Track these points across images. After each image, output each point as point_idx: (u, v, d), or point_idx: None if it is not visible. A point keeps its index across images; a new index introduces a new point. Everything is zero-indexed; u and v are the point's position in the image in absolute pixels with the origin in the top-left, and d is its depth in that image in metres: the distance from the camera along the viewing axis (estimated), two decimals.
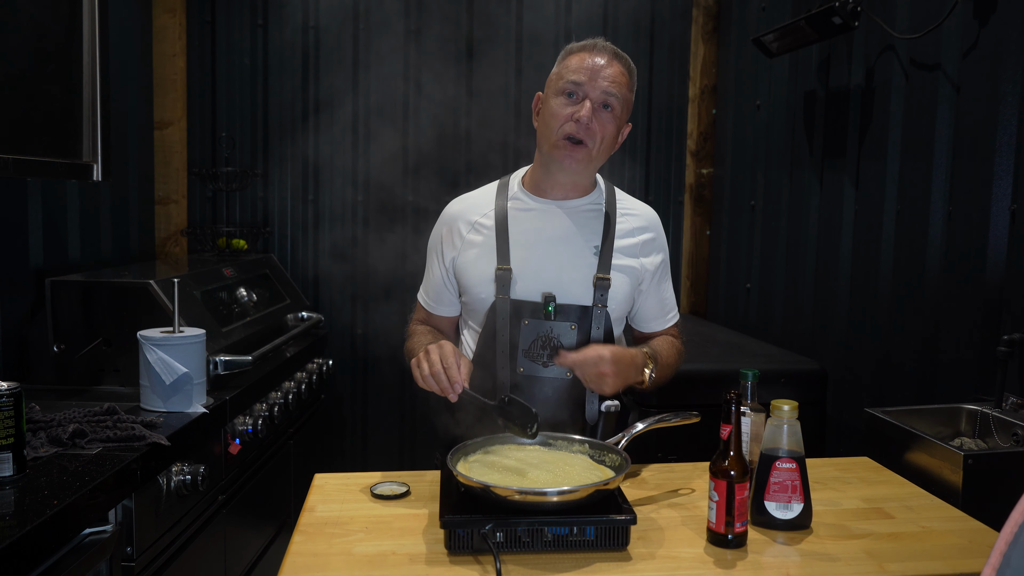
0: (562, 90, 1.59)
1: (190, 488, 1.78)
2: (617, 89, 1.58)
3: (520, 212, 1.67)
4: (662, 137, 3.70)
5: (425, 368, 1.42)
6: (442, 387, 1.41)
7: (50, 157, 1.93)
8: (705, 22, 3.63)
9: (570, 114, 1.57)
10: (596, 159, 1.61)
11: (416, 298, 1.83)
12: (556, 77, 1.63)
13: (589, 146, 1.58)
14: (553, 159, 1.60)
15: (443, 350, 1.44)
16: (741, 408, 1.31)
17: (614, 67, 1.59)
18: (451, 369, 1.41)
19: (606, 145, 1.61)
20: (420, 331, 1.75)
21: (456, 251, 1.69)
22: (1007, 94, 1.99)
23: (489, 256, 1.64)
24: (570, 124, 1.57)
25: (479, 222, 1.68)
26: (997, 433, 1.86)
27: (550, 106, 1.61)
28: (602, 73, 1.57)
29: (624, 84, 1.60)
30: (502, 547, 1.24)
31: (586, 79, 1.57)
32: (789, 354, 2.79)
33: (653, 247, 1.71)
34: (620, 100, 1.59)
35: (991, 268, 2.03)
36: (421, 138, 3.52)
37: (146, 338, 1.81)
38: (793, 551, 1.29)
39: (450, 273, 1.71)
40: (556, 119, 1.58)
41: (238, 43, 3.41)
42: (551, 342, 1.59)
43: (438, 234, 1.75)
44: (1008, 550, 0.66)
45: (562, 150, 1.58)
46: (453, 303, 1.76)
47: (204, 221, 3.44)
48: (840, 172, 2.66)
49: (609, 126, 1.59)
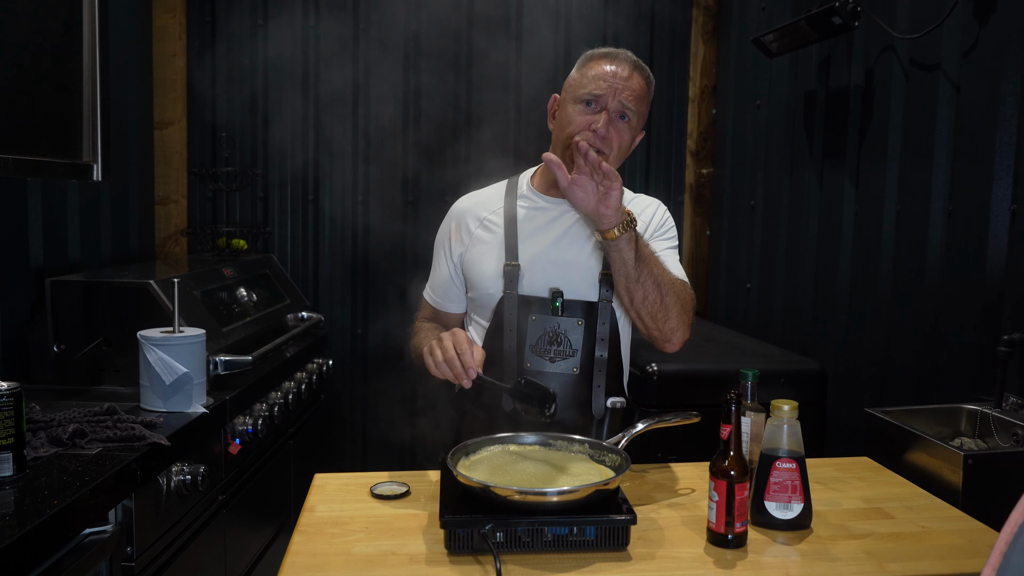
0: (581, 98, 1.59)
1: (190, 488, 1.78)
2: (635, 103, 1.59)
3: (529, 210, 1.69)
4: (662, 137, 3.70)
5: (439, 354, 1.42)
6: (456, 373, 1.40)
7: (50, 157, 1.93)
8: (705, 22, 3.63)
9: (588, 122, 1.58)
10: None
11: (422, 296, 1.83)
12: (575, 84, 1.62)
13: (605, 153, 1.58)
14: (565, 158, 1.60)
15: (456, 337, 1.44)
16: (741, 408, 1.31)
17: (635, 79, 1.59)
18: (465, 355, 1.41)
19: (621, 153, 1.62)
20: (427, 327, 1.75)
21: (464, 247, 1.70)
22: (1007, 94, 1.99)
23: (498, 252, 1.65)
24: (587, 133, 1.57)
25: (488, 219, 1.70)
26: (997, 433, 1.86)
27: (568, 112, 1.61)
28: (622, 84, 1.58)
29: (643, 97, 1.62)
30: (502, 547, 1.24)
31: (606, 90, 1.57)
32: (789, 354, 2.79)
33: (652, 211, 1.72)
34: (637, 112, 1.60)
35: (991, 268, 2.03)
36: (421, 138, 3.52)
37: (146, 338, 1.81)
38: (793, 551, 1.29)
39: (458, 269, 1.72)
40: (573, 125, 1.59)
41: (238, 43, 3.41)
42: (558, 337, 1.60)
43: (446, 230, 1.76)
44: (1008, 550, 0.66)
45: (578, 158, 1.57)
46: (460, 299, 1.76)
47: (204, 221, 3.44)
48: (840, 172, 2.66)
49: (625, 135, 1.60)
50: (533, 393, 1.44)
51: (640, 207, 1.74)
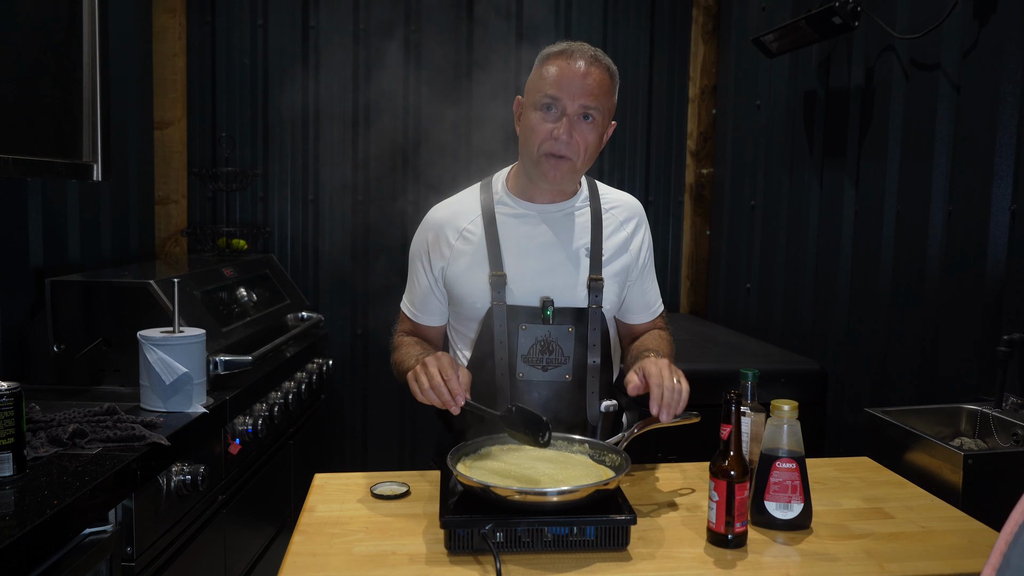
0: (539, 104, 1.53)
1: (190, 488, 1.78)
2: (596, 100, 1.52)
3: (508, 218, 1.65)
4: (662, 137, 3.70)
5: (424, 381, 1.38)
6: (444, 400, 1.36)
7: (50, 157, 1.93)
8: (705, 22, 3.63)
9: (549, 131, 1.53)
10: (581, 168, 1.59)
11: (400, 308, 1.77)
12: (533, 87, 1.57)
13: (572, 159, 1.54)
14: (537, 173, 1.58)
15: (440, 362, 1.39)
16: (741, 408, 1.31)
17: (592, 75, 1.52)
18: (451, 381, 1.37)
19: (590, 153, 1.57)
20: (407, 343, 1.69)
21: (445, 261, 1.65)
22: (1007, 94, 1.99)
23: (481, 264, 1.61)
24: (549, 142, 1.53)
25: (467, 229, 1.64)
26: (997, 433, 1.86)
27: (529, 119, 1.56)
28: (580, 84, 1.51)
29: (605, 90, 1.54)
30: (502, 547, 1.24)
31: (563, 92, 1.51)
32: (789, 354, 2.79)
33: (640, 236, 1.71)
34: (600, 109, 1.53)
35: (991, 268, 2.03)
36: (421, 138, 3.52)
37: (146, 338, 1.81)
38: (793, 551, 1.29)
39: (439, 282, 1.67)
40: (535, 135, 1.54)
41: (238, 43, 3.41)
42: (550, 346, 1.59)
43: (422, 241, 1.69)
44: (1008, 550, 0.66)
45: (544, 165, 1.55)
46: (441, 312, 1.71)
47: (204, 221, 3.44)
48: (840, 172, 2.66)
49: (590, 136, 1.54)
50: (525, 420, 1.39)
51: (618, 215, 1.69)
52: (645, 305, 1.74)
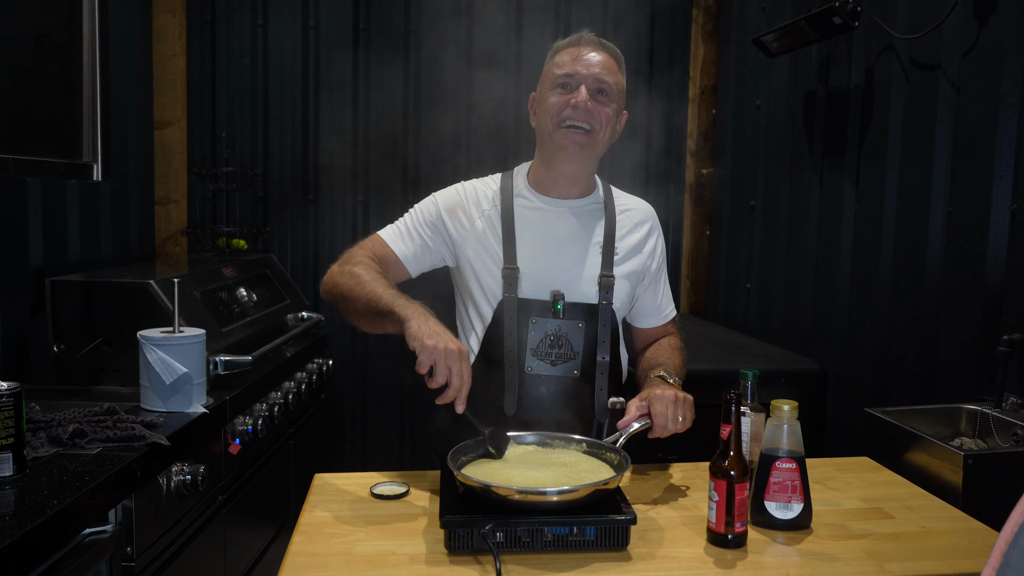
0: (556, 83, 1.63)
1: (190, 488, 1.78)
2: (608, 75, 1.62)
3: (526, 211, 1.68)
4: (662, 137, 3.70)
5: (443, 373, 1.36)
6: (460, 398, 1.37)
7: (50, 157, 1.94)
8: (705, 22, 3.63)
9: (567, 100, 1.60)
10: (599, 144, 1.64)
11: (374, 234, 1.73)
12: (547, 74, 1.67)
13: (589, 129, 1.60)
14: (557, 148, 1.62)
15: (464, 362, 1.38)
16: (741, 408, 1.31)
17: (602, 55, 1.64)
18: (467, 385, 1.38)
19: (607, 130, 1.63)
20: (372, 267, 1.62)
21: (460, 235, 1.68)
22: (1007, 94, 1.99)
23: (495, 254, 1.64)
24: (568, 110, 1.60)
25: (489, 212, 1.69)
26: (997, 433, 1.86)
27: (546, 100, 1.64)
28: (592, 61, 1.62)
29: (614, 69, 1.65)
30: (502, 547, 1.24)
31: (578, 68, 1.61)
32: (789, 354, 2.79)
33: (654, 240, 1.74)
34: (613, 84, 1.63)
35: (991, 268, 2.03)
36: (421, 138, 3.52)
37: (146, 338, 1.81)
38: (793, 551, 1.29)
39: (444, 245, 1.70)
40: (553, 108, 1.61)
41: (238, 43, 3.41)
42: (559, 340, 1.60)
43: (449, 198, 1.72)
44: (1008, 550, 0.66)
45: (565, 137, 1.60)
46: (421, 264, 1.72)
47: (204, 221, 3.44)
48: (840, 172, 2.66)
49: (606, 108, 1.62)
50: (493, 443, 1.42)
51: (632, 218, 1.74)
52: (657, 309, 1.78)
